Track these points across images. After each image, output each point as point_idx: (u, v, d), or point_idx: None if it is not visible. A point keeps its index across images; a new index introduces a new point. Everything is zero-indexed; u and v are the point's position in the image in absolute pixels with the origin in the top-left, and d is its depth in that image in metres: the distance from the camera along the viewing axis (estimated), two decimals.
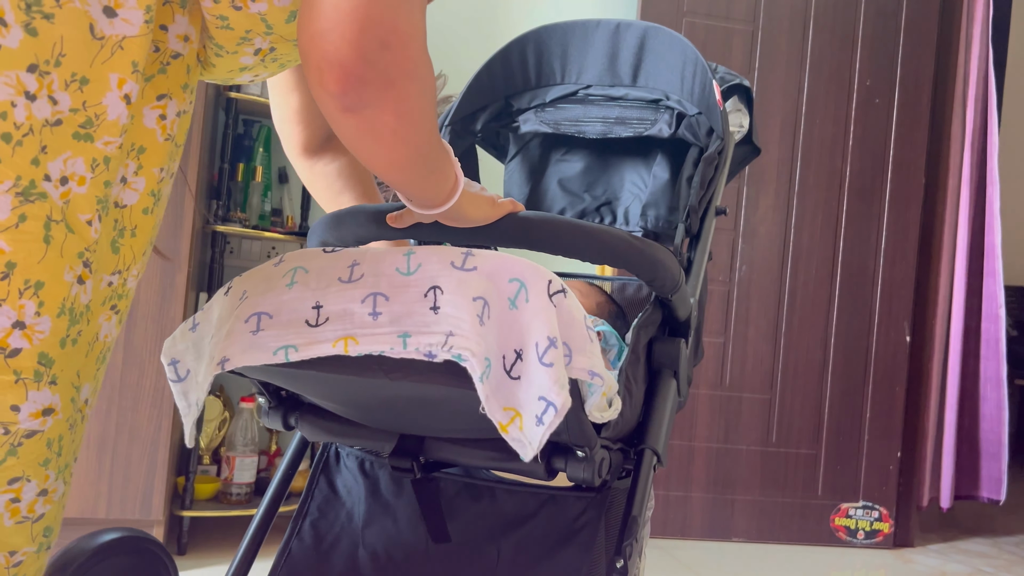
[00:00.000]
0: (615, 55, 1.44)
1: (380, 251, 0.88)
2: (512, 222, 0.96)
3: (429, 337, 0.80)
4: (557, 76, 1.48)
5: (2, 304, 0.70)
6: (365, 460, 1.31)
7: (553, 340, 0.80)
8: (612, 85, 1.46)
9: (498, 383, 0.80)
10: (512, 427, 0.80)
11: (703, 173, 1.31)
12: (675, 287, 1.07)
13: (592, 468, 0.95)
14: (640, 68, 1.43)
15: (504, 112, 1.51)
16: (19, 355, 0.72)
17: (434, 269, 0.84)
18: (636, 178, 1.53)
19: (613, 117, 1.45)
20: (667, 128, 1.40)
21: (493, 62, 1.48)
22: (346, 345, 0.82)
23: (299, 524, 1.28)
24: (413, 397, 0.93)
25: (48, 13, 0.70)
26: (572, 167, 1.56)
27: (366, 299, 0.83)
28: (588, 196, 1.54)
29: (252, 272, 0.93)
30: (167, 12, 0.80)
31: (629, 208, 1.52)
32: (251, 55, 0.87)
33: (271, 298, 0.87)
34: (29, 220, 0.71)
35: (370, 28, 0.68)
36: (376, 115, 0.71)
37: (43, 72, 0.71)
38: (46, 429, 0.75)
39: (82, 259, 0.75)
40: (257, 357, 0.84)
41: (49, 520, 0.80)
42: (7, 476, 0.75)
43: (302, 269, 0.89)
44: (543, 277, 0.83)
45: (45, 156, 0.71)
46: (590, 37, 1.46)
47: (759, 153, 1.53)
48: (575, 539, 1.15)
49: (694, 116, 1.38)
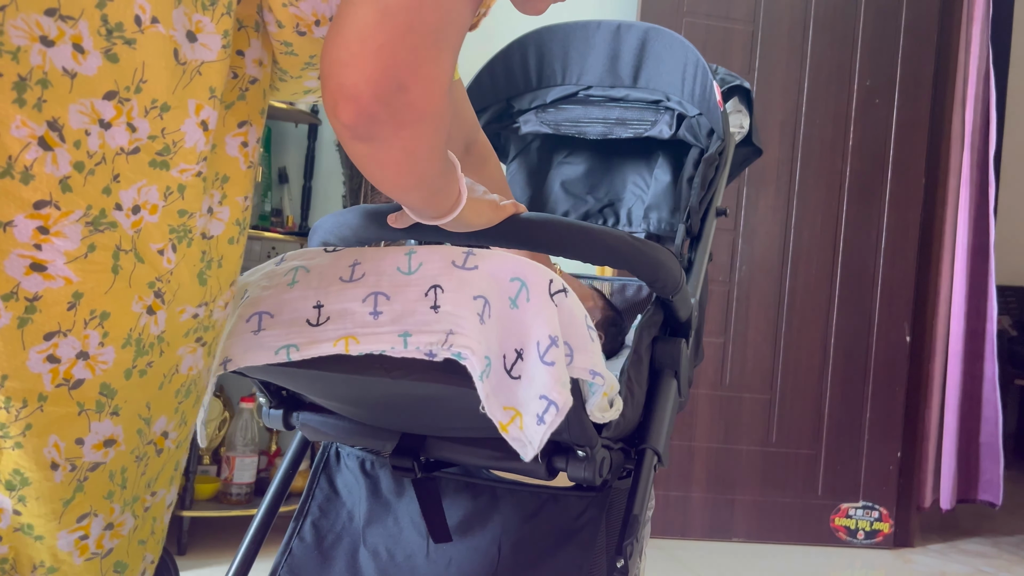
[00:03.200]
0: (616, 56, 1.45)
1: (381, 250, 0.89)
2: (515, 225, 0.96)
3: (430, 336, 0.80)
4: (558, 77, 1.48)
5: (68, 335, 0.69)
6: (366, 460, 1.31)
7: (555, 339, 0.80)
8: (613, 86, 1.46)
9: (498, 382, 0.80)
10: (512, 426, 0.80)
11: (704, 174, 1.32)
12: (676, 288, 1.07)
13: (593, 468, 0.95)
14: (641, 69, 1.44)
15: (505, 113, 1.51)
16: (82, 386, 0.71)
17: (435, 268, 0.84)
18: (638, 179, 1.53)
19: (613, 118, 1.45)
20: (667, 129, 1.40)
21: (494, 63, 1.48)
22: (347, 344, 0.82)
23: (300, 523, 1.28)
24: (414, 396, 0.93)
25: (130, 39, 0.68)
26: (575, 169, 1.56)
27: (367, 298, 0.84)
28: (591, 198, 1.55)
29: (254, 271, 0.93)
30: (243, 37, 0.79)
31: (632, 209, 1.53)
32: (315, 79, 0.86)
33: (272, 297, 0.87)
34: (98, 250, 0.69)
35: (392, 69, 0.66)
36: (384, 149, 0.71)
37: (123, 99, 0.69)
38: (107, 460, 0.74)
39: (153, 289, 0.74)
40: (259, 357, 0.84)
41: (119, 555, 0.79)
42: (76, 513, 0.74)
43: (303, 268, 0.89)
44: (544, 276, 0.83)
45: (117, 185, 0.70)
46: (591, 38, 1.46)
47: (760, 154, 1.53)
48: (576, 538, 1.15)
49: (695, 117, 1.38)
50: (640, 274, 1.01)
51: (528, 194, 1.57)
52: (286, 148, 2.65)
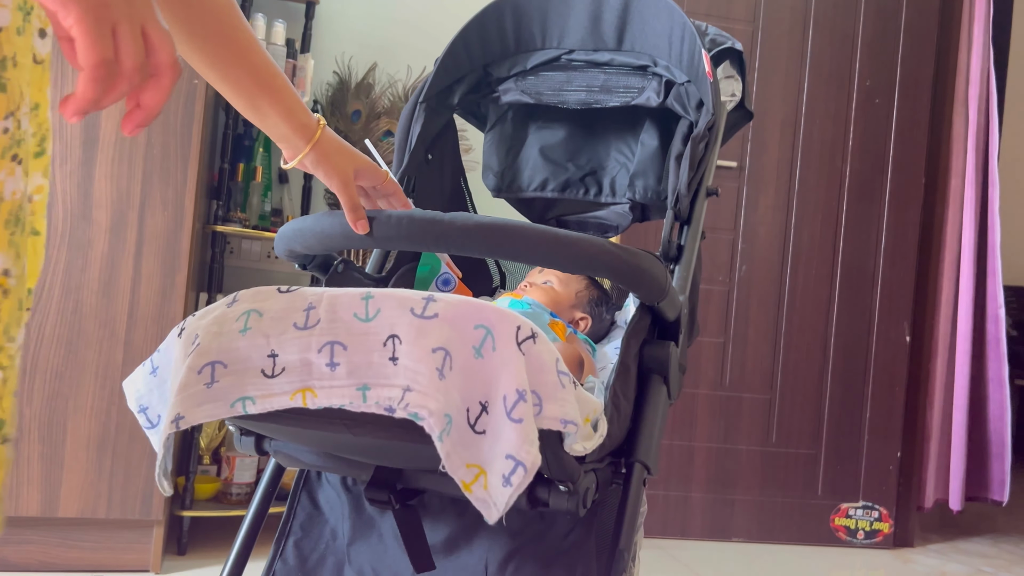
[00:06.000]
0: (598, 16, 1.37)
1: (337, 294, 0.83)
2: (484, 231, 0.90)
3: (388, 391, 0.76)
4: (537, 40, 1.40)
5: None
6: (347, 476, 1.25)
7: (522, 393, 0.76)
8: (596, 49, 1.38)
9: (460, 438, 0.76)
10: (476, 486, 0.76)
11: (693, 153, 1.22)
12: (663, 294, 1.02)
13: (577, 499, 0.91)
14: (625, 30, 1.36)
15: (483, 82, 1.44)
16: None
17: (393, 316, 0.79)
18: (623, 146, 1.46)
19: (598, 85, 1.38)
20: (655, 97, 1.33)
21: (468, 30, 1.40)
22: (304, 398, 0.79)
23: (282, 544, 1.23)
24: (379, 447, 0.90)
25: None
26: (554, 135, 1.49)
27: (323, 348, 0.79)
28: (572, 165, 1.47)
29: (205, 312, 0.87)
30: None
31: (616, 178, 1.46)
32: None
33: (224, 345, 0.82)
34: None
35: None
36: None
37: None
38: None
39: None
40: (213, 412, 0.80)
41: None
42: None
43: (256, 313, 0.83)
44: (511, 323, 0.79)
45: None
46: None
47: (751, 118, 1.46)
48: (564, 556, 1.12)
49: (683, 85, 1.31)
50: (623, 283, 0.97)
51: (506, 162, 1.49)
52: None
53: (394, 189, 1.06)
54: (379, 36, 2.75)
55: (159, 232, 1.99)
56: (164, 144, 2.00)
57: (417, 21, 2.77)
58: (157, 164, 1.99)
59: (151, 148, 1.99)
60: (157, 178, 1.99)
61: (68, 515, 1.95)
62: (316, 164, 0.99)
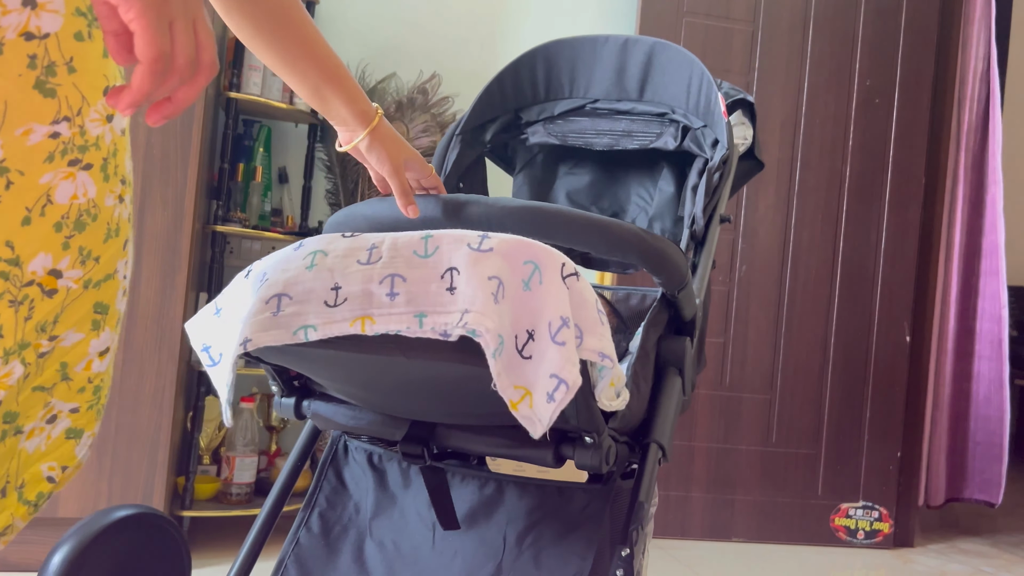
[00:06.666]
0: (623, 70, 1.48)
1: (398, 235, 0.91)
2: (525, 212, 0.99)
3: (445, 317, 0.83)
4: (565, 90, 1.52)
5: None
6: (373, 454, 1.35)
7: (566, 320, 0.83)
8: (619, 99, 1.50)
9: (510, 361, 0.82)
10: (523, 405, 0.82)
11: (708, 182, 1.34)
12: (682, 281, 1.10)
13: (600, 455, 0.98)
14: (647, 83, 1.47)
15: (513, 124, 1.55)
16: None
17: (451, 251, 0.86)
18: (642, 191, 1.57)
19: (620, 130, 1.49)
20: (672, 140, 1.43)
21: (504, 75, 1.52)
22: (363, 324, 0.85)
23: (307, 514, 1.31)
24: (428, 378, 0.95)
25: None
26: (580, 180, 1.60)
27: (384, 280, 0.86)
28: (595, 208, 1.58)
29: (272, 256, 0.95)
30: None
31: (636, 220, 1.55)
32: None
33: (291, 280, 0.89)
34: None
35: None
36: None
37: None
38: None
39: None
40: (278, 336, 0.86)
41: (8, 404, 0.73)
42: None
43: (321, 252, 0.91)
44: (557, 259, 0.86)
45: None
46: (598, 52, 1.50)
47: (762, 167, 1.57)
48: (580, 530, 1.18)
49: (699, 128, 1.41)
50: (646, 265, 1.04)
51: None
52: (286, 148, 2.65)
53: (436, 183, 1.13)
54: (379, 36, 2.75)
55: (159, 232, 1.99)
56: (164, 144, 2.00)
57: (417, 21, 2.77)
58: (157, 164, 1.99)
59: (151, 148, 1.99)
60: (157, 178, 1.99)
61: (68, 515, 1.94)
62: (370, 149, 1.05)
